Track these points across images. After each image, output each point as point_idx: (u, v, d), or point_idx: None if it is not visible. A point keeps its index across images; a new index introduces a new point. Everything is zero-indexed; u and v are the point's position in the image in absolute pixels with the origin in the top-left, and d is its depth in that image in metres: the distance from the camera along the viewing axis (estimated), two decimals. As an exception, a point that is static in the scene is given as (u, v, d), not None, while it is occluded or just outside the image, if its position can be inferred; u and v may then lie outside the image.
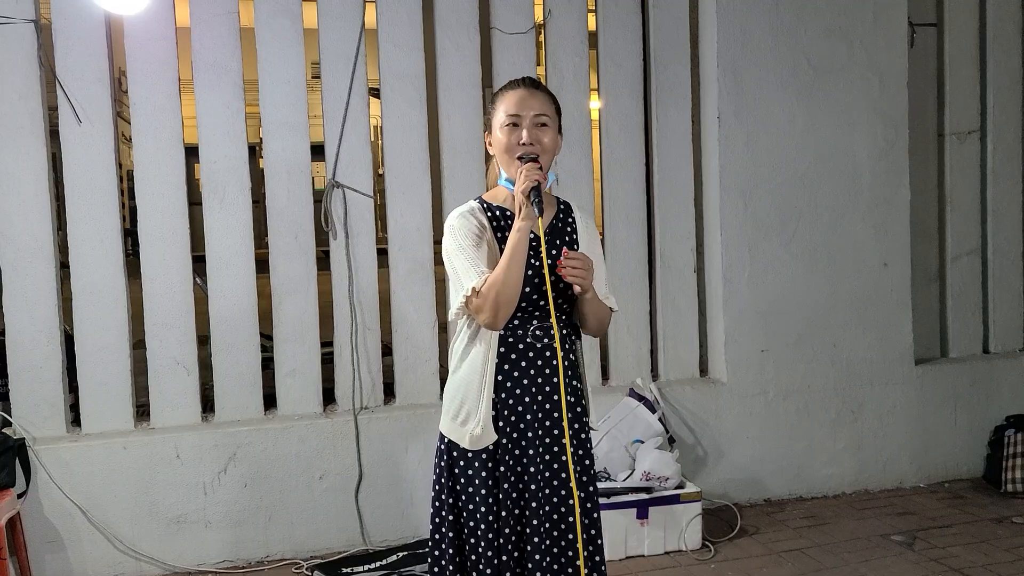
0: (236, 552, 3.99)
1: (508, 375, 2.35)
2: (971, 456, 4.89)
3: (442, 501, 2.43)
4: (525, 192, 2.25)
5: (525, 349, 2.36)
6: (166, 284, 3.98)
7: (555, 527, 2.38)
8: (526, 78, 2.44)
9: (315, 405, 4.15)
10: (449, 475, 2.41)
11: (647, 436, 4.18)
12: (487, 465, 2.34)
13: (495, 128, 2.39)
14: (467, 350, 2.38)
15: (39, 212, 3.83)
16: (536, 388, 2.37)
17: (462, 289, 2.29)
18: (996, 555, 3.88)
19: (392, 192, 4.20)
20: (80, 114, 3.84)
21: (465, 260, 2.30)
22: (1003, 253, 5.05)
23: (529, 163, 2.30)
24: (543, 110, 2.37)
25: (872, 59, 4.65)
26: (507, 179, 2.40)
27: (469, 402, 2.34)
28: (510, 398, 2.35)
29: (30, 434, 3.84)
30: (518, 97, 2.36)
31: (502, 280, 2.23)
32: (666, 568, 3.84)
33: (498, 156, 2.40)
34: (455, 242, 2.33)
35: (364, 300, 4.17)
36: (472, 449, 2.34)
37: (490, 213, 2.39)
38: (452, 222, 2.37)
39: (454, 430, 2.38)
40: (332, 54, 4.11)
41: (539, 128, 2.35)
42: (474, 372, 2.35)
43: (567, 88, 4.40)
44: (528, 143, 2.33)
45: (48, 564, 3.81)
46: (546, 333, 2.37)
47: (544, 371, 2.37)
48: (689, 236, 4.60)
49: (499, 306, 2.24)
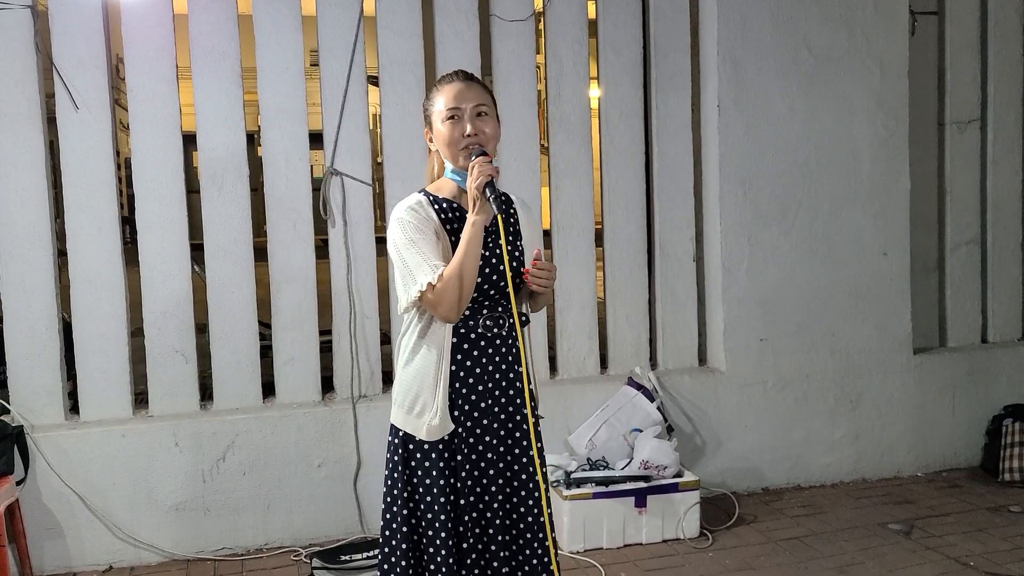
0: (235, 540, 4.00)
1: (461, 365, 2.38)
2: (969, 445, 4.90)
3: (395, 496, 2.42)
4: (480, 187, 2.26)
5: (477, 339, 2.39)
6: (164, 272, 3.97)
7: (514, 510, 2.44)
8: (460, 71, 2.46)
9: (314, 393, 4.16)
10: (404, 468, 2.40)
11: (645, 425, 4.19)
12: (444, 455, 2.36)
13: (435, 122, 2.40)
14: (419, 343, 2.38)
15: (36, 199, 3.82)
16: (488, 376, 2.40)
17: (414, 283, 2.28)
18: (993, 544, 3.89)
19: (391, 180, 4.18)
20: (77, 101, 3.83)
21: (417, 254, 2.30)
22: (1002, 243, 5.05)
23: (480, 157, 2.31)
24: (481, 100, 2.39)
25: (873, 47, 4.63)
26: (453, 171, 2.41)
27: (425, 393, 2.36)
28: (463, 387, 2.38)
29: (28, 421, 3.84)
30: (456, 90, 2.38)
31: (459, 274, 2.25)
32: (664, 556, 3.85)
33: (441, 149, 2.40)
34: (406, 236, 2.32)
35: (363, 288, 4.16)
36: (429, 440, 2.35)
37: (437, 206, 2.39)
38: (401, 215, 2.35)
39: (409, 422, 2.38)
40: (331, 41, 4.09)
41: (480, 119, 2.37)
42: (428, 364, 2.36)
43: (566, 76, 4.38)
44: (472, 134, 2.34)
45: (47, 551, 3.82)
46: (496, 323, 2.40)
47: (495, 359, 2.40)
48: (688, 225, 4.59)
49: (456, 300, 2.26)
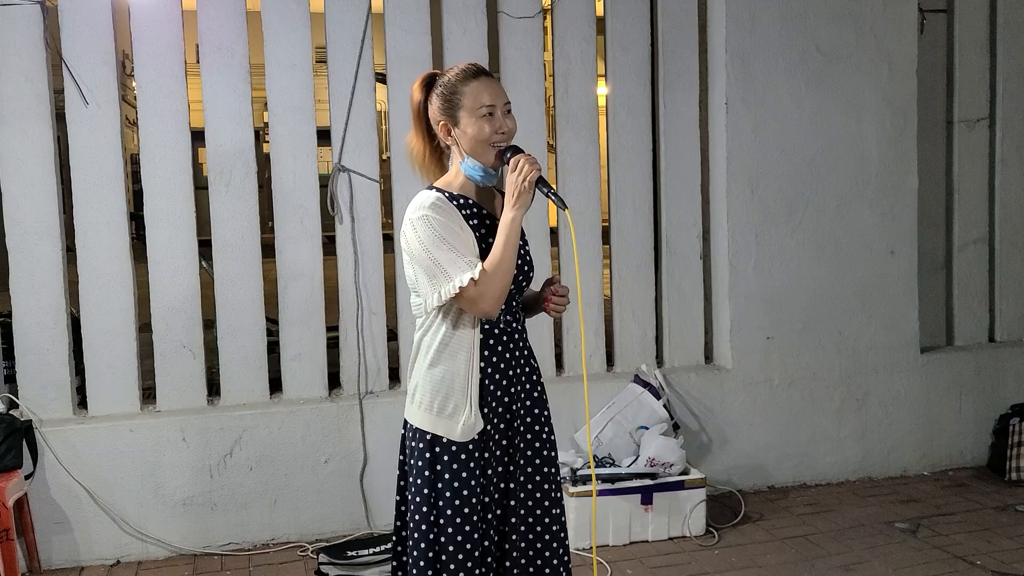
0: (242, 535, 4.01)
1: (488, 361, 2.39)
2: (975, 444, 4.89)
3: (424, 496, 2.37)
4: (532, 181, 2.28)
5: (500, 334, 2.41)
6: (172, 268, 3.98)
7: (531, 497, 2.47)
8: (481, 67, 2.43)
9: (320, 389, 4.16)
10: (431, 472, 2.36)
11: (652, 422, 4.19)
12: (474, 455, 2.35)
13: (464, 118, 2.36)
14: (446, 342, 2.35)
15: (45, 195, 3.84)
16: (511, 370, 2.43)
17: (448, 281, 2.26)
18: (999, 543, 3.89)
19: (398, 177, 4.19)
20: (87, 96, 3.84)
21: (449, 251, 2.27)
22: (1010, 242, 5.03)
23: (523, 153, 2.32)
24: (507, 97, 2.41)
25: (881, 45, 4.62)
26: (475, 167, 2.38)
27: (456, 394, 2.34)
28: (491, 384, 2.39)
29: (37, 416, 3.85)
30: (489, 86, 2.37)
31: (501, 268, 2.26)
32: (670, 554, 3.86)
33: (469, 145, 2.37)
34: (434, 234, 2.28)
35: (370, 285, 4.17)
36: (461, 440, 2.33)
37: (455, 202, 2.38)
38: (425, 213, 2.31)
39: (440, 424, 2.34)
40: (339, 38, 4.09)
41: (508, 116, 2.39)
42: (458, 363, 2.34)
43: (574, 73, 4.38)
44: (505, 132, 2.36)
45: (55, 545, 3.83)
46: (514, 317, 2.45)
47: (515, 352, 2.44)
48: (695, 223, 4.59)
49: (499, 294, 2.27)
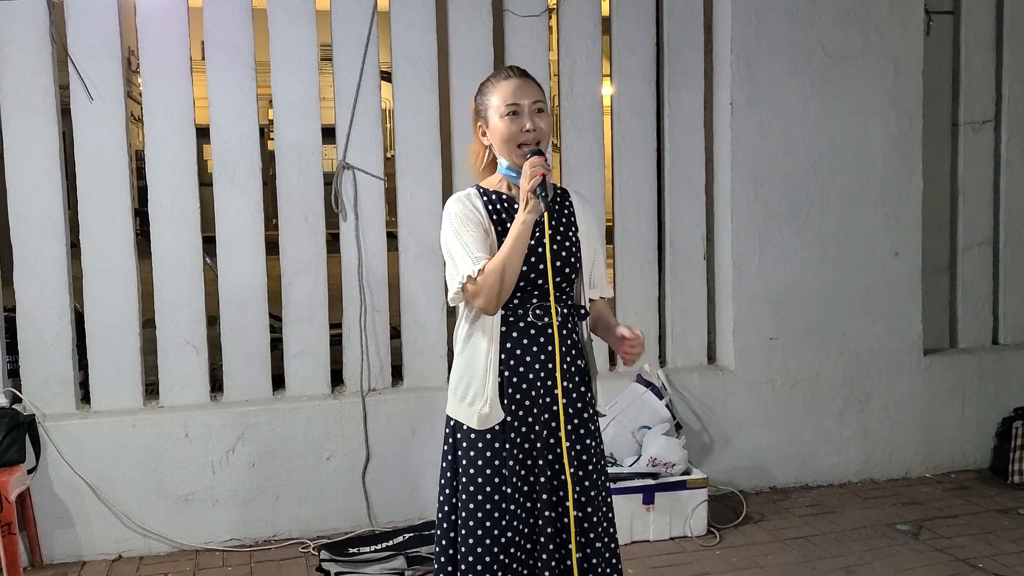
0: (244, 531, 4.01)
1: (511, 354, 2.40)
2: (978, 447, 4.88)
3: (444, 483, 2.47)
4: (532, 189, 2.29)
5: (526, 327, 2.41)
6: (176, 264, 3.99)
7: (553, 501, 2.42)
8: (515, 67, 2.50)
9: (323, 386, 4.17)
10: (453, 457, 2.44)
11: (654, 422, 4.19)
12: (492, 445, 2.38)
13: (492, 117, 2.43)
14: (470, 332, 2.42)
15: (50, 190, 3.84)
16: (539, 365, 2.41)
17: (457, 274, 2.33)
18: (1002, 546, 3.88)
19: (403, 174, 4.19)
20: (92, 92, 3.84)
21: (460, 246, 2.34)
22: (1015, 244, 5.02)
23: (534, 157, 2.34)
24: (539, 96, 2.44)
25: (887, 47, 4.61)
26: (508, 167, 2.44)
27: (476, 382, 2.39)
28: (514, 376, 2.40)
29: (40, 410, 3.86)
30: (514, 86, 2.42)
31: (501, 269, 2.28)
32: (671, 554, 3.86)
33: (497, 145, 2.44)
34: (451, 227, 2.38)
35: (373, 282, 4.17)
36: (479, 429, 2.38)
37: (486, 198, 2.43)
38: (449, 207, 2.42)
39: (461, 411, 2.42)
40: (344, 35, 4.10)
41: (538, 115, 2.41)
42: (478, 353, 2.40)
43: (579, 72, 4.38)
44: (532, 130, 2.38)
45: (57, 539, 3.84)
46: (546, 312, 2.41)
47: (547, 348, 2.41)
48: (699, 223, 4.58)
49: (496, 294, 2.29)
